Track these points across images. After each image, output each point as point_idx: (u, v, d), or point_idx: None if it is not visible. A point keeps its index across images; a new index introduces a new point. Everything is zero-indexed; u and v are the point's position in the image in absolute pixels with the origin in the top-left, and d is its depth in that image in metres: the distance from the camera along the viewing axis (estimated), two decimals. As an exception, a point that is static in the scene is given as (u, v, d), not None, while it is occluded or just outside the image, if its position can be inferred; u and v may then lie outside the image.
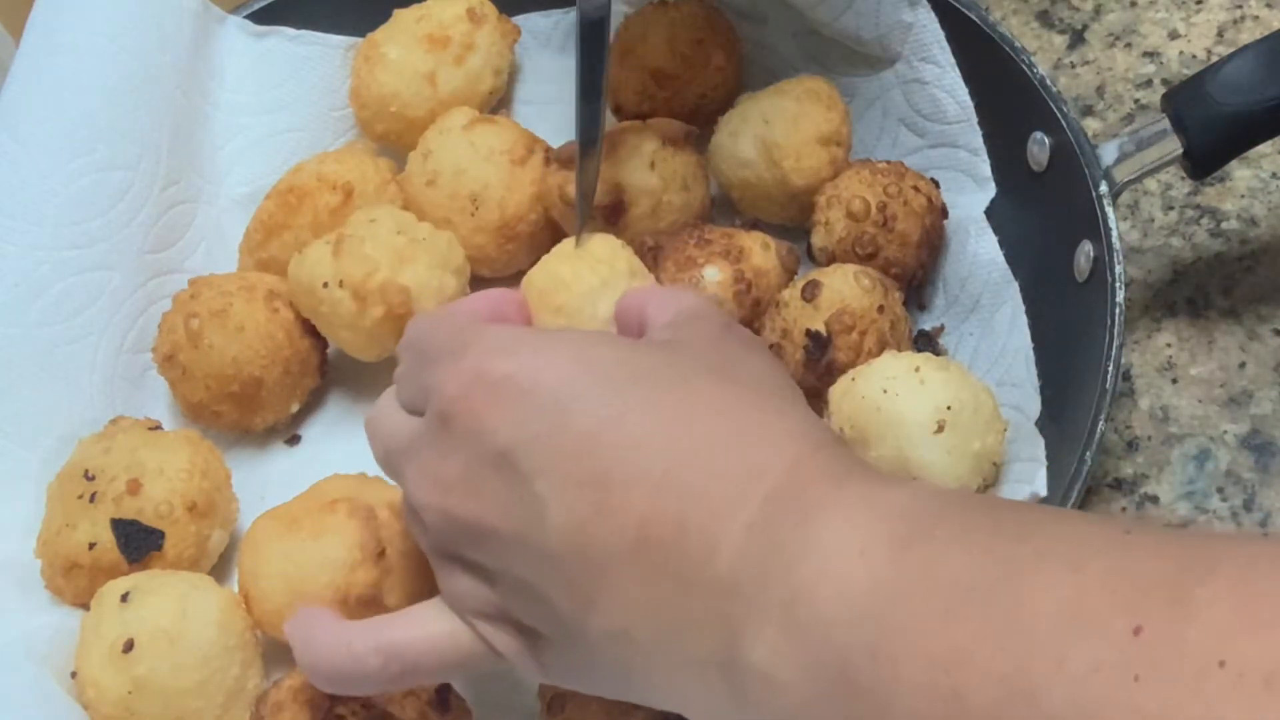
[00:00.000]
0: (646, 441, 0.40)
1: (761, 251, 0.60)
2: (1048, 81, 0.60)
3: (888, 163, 0.62)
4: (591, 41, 0.57)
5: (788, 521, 0.38)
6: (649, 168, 0.62)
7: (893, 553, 0.35)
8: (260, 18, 0.70)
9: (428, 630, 0.45)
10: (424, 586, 0.55)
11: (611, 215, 0.62)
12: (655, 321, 0.48)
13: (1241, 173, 0.66)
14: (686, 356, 0.44)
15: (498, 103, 0.71)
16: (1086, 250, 0.56)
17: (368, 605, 0.53)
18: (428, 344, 0.46)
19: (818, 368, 0.56)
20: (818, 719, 0.35)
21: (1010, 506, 0.39)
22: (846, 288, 0.57)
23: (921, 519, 0.36)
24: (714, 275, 0.59)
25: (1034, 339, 0.57)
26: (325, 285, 0.60)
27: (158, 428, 0.60)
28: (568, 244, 0.60)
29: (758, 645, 0.37)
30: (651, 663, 0.40)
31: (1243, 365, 0.61)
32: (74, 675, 0.53)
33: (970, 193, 0.63)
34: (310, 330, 0.63)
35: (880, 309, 0.57)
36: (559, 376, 0.42)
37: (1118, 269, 0.55)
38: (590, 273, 0.57)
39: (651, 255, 0.60)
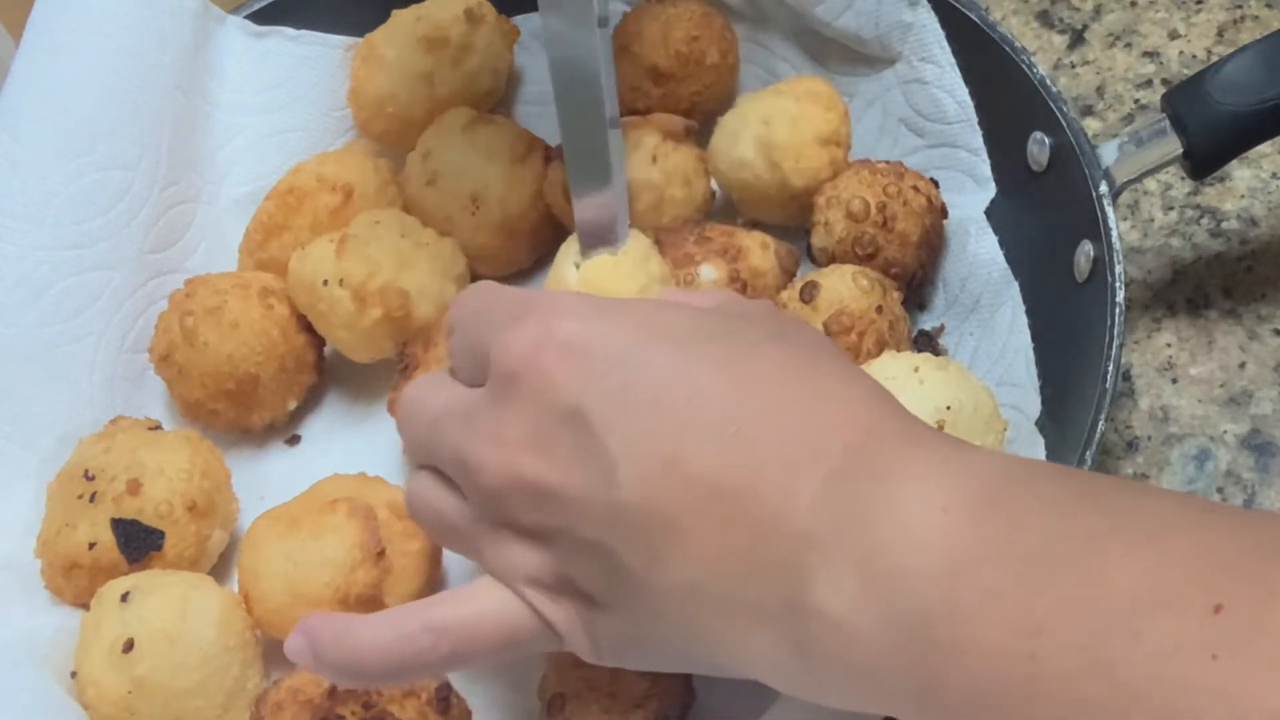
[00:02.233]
0: (719, 398, 0.40)
1: (760, 251, 0.60)
2: (1048, 81, 0.60)
3: (888, 163, 0.62)
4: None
5: (867, 476, 0.37)
6: (650, 162, 0.62)
7: (974, 513, 0.35)
8: (260, 18, 0.70)
9: (477, 606, 0.44)
10: (424, 586, 0.55)
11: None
12: None
13: (1241, 173, 0.66)
14: (751, 323, 0.44)
15: (497, 103, 0.71)
16: (1086, 250, 0.56)
17: (368, 605, 0.53)
18: (487, 312, 0.45)
19: (817, 368, 0.56)
20: (890, 672, 0.35)
21: (1089, 478, 0.38)
22: (844, 288, 0.56)
23: (1002, 483, 0.36)
24: (710, 274, 0.59)
25: (1034, 339, 0.57)
26: (325, 283, 0.60)
27: (158, 428, 0.60)
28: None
29: (835, 595, 0.36)
30: (721, 619, 0.39)
31: (1243, 365, 0.61)
32: (74, 675, 0.53)
33: (970, 193, 0.63)
34: (306, 326, 0.63)
35: (879, 309, 0.57)
36: (628, 335, 0.42)
37: (1118, 269, 0.55)
38: (630, 280, 0.57)
39: (651, 252, 0.60)
